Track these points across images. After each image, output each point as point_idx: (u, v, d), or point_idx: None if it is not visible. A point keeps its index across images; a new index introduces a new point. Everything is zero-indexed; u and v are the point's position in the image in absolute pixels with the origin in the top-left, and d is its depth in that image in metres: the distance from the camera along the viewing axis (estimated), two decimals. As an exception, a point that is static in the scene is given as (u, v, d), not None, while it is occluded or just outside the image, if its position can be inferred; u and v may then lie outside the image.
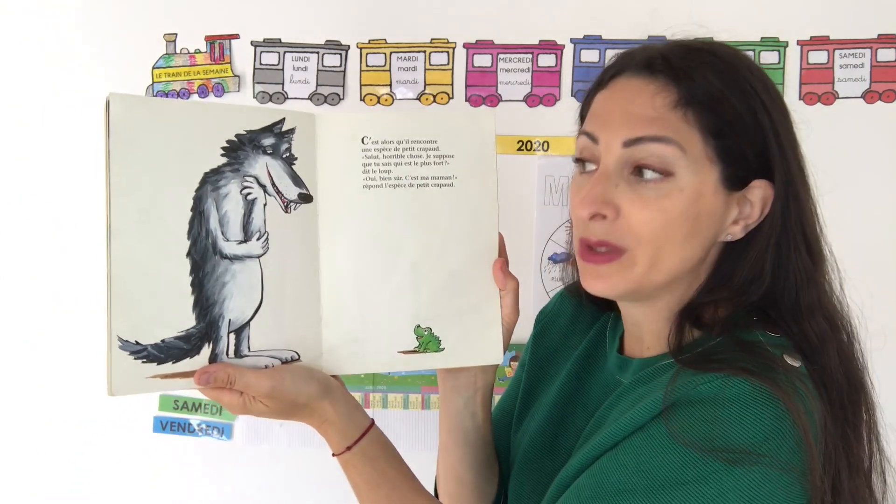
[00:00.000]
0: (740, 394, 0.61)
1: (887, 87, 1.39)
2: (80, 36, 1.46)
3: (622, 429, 0.66)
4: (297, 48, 1.45)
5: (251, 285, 0.73)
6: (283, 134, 0.75)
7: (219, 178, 0.72)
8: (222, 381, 0.70)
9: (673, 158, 0.67)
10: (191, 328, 0.70)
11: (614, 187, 0.69)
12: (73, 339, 1.49)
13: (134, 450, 1.51)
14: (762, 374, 0.62)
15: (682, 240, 0.69)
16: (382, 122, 0.79)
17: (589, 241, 0.70)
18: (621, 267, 0.70)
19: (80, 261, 1.47)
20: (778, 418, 0.60)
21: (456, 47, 1.44)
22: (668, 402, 0.63)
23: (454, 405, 0.85)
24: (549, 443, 0.81)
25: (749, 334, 0.68)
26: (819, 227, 0.73)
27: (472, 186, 0.80)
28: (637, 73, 0.71)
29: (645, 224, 0.68)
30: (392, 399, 1.48)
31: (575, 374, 0.84)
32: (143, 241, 0.69)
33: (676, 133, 0.67)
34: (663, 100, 0.68)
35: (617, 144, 0.69)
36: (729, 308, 0.71)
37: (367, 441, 0.77)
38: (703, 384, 0.62)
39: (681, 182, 0.68)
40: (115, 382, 0.68)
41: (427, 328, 0.79)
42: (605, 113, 0.72)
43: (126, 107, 0.68)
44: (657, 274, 0.70)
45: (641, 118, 0.68)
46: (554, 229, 1.44)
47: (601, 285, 0.71)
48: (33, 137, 1.48)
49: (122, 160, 0.68)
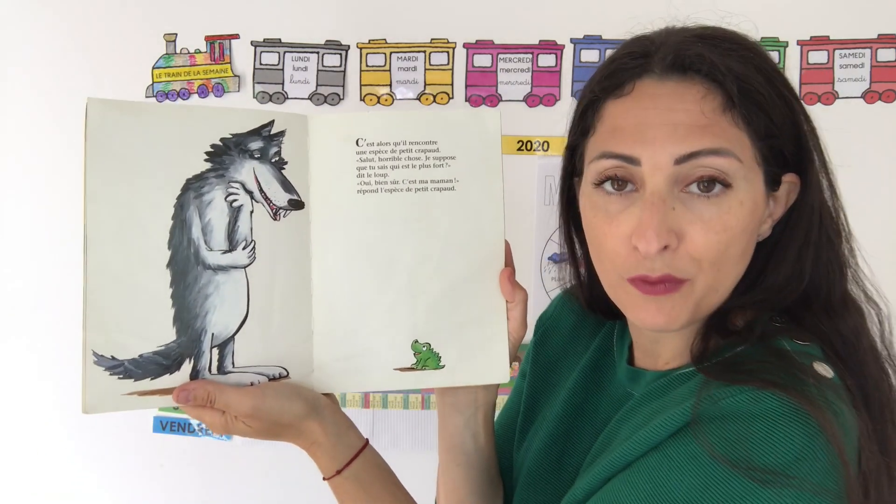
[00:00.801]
0: (768, 409, 0.54)
1: (887, 87, 1.38)
2: (81, 36, 1.45)
3: (636, 447, 0.59)
4: (297, 48, 1.45)
5: (236, 297, 0.68)
6: (273, 137, 0.70)
7: (202, 184, 0.67)
8: (202, 399, 0.66)
9: (731, 170, 0.59)
10: (171, 343, 0.66)
11: (671, 210, 0.60)
12: (72, 338, 1.49)
13: (134, 450, 1.51)
14: (792, 388, 0.55)
15: (740, 256, 0.62)
16: (378, 122, 0.73)
17: (649, 278, 0.61)
18: (682, 297, 0.61)
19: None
20: (810, 436, 0.53)
21: (456, 47, 1.43)
22: (689, 418, 0.57)
23: (453, 424, 0.77)
24: (556, 460, 0.74)
25: (775, 342, 0.61)
26: (844, 215, 0.67)
27: (475, 190, 0.73)
28: (667, 74, 0.61)
29: (709, 248, 0.60)
30: (392, 399, 1.47)
31: (581, 385, 0.77)
32: (120, 250, 0.65)
33: (730, 142, 0.59)
34: (710, 104, 0.59)
35: (667, 162, 0.59)
36: (756, 312, 0.64)
37: (359, 464, 0.72)
38: (726, 398, 0.56)
39: (739, 194, 0.60)
40: (88, 400, 0.64)
41: (426, 343, 0.73)
42: (638, 126, 0.61)
43: (103, 111, 0.65)
44: (715, 297, 0.62)
45: (691, 128, 0.59)
46: (554, 229, 1.42)
47: (662, 320, 0.62)
48: (33, 138, 1.48)
49: (99, 166, 0.64)
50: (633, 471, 0.59)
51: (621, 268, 0.63)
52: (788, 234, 0.64)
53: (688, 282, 0.61)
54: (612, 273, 0.64)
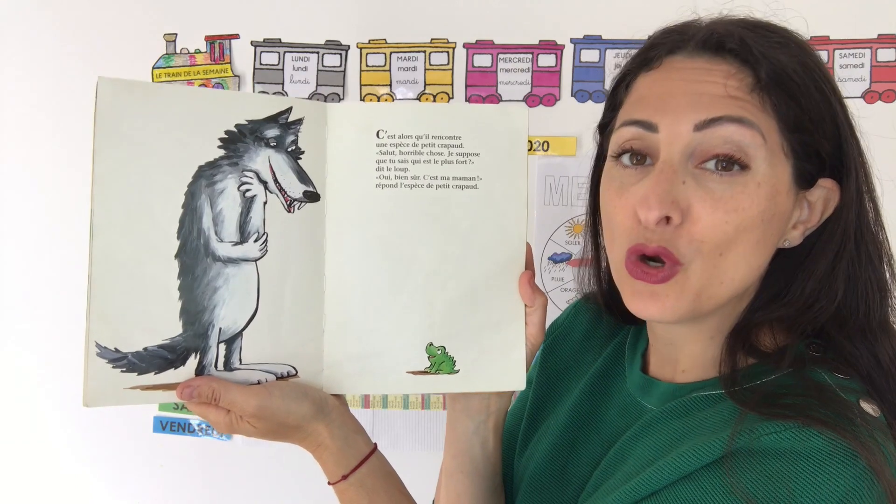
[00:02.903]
0: (814, 448, 0.51)
1: (887, 87, 1.36)
2: (81, 36, 1.43)
3: (665, 474, 0.55)
4: (297, 48, 1.44)
5: (246, 291, 0.65)
6: (290, 125, 0.67)
7: (214, 172, 0.64)
8: (206, 396, 0.63)
9: (753, 147, 0.56)
10: (176, 336, 0.63)
11: (681, 184, 0.57)
12: (73, 337, 1.49)
13: (134, 449, 1.50)
14: (839, 426, 0.51)
15: (754, 245, 0.58)
16: (400, 113, 0.69)
17: (645, 248, 0.58)
18: (677, 284, 0.58)
19: (85, 260, 1.47)
20: (857, 478, 0.50)
21: (456, 47, 1.42)
22: (726, 450, 0.53)
23: (463, 429, 0.74)
24: (560, 469, 0.72)
25: (812, 373, 0.57)
26: (886, 237, 0.62)
27: (498, 189, 0.70)
28: (698, 52, 0.59)
29: (714, 229, 0.56)
30: (392, 399, 1.45)
31: (588, 395, 0.74)
32: (127, 239, 0.62)
33: (757, 118, 0.56)
34: (739, 82, 0.57)
35: (686, 129, 0.57)
36: (786, 331, 0.61)
37: (365, 470, 0.70)
38: (769, 434, 0.52)
39: (758, 175, 0.56)
40: (90, 393, 0.61)
41: (440, 347, 0.70)
42: (661, 95, 0.59)
43: (115, 92, 0.61)
44: (720, 287, 0.58)
45: (715, 97, 0.57)
46: (554, 229, 1.43)
47: (655, 308, 0.59)
48: (33, 138, 1.48)
49: (108, 150, 0.61)
50: (662, 500, 0.55)
51: (625, 240, 0.60)
52: (821, 247, 0.60)
53: (680, 268, 0.57)
54: (616, 251, 0.62)
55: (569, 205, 1.41)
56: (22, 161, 1.48)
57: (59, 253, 1.48)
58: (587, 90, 1.40)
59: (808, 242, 0.61)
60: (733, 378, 0.59)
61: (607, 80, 1.37)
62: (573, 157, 1.39)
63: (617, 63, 1.35)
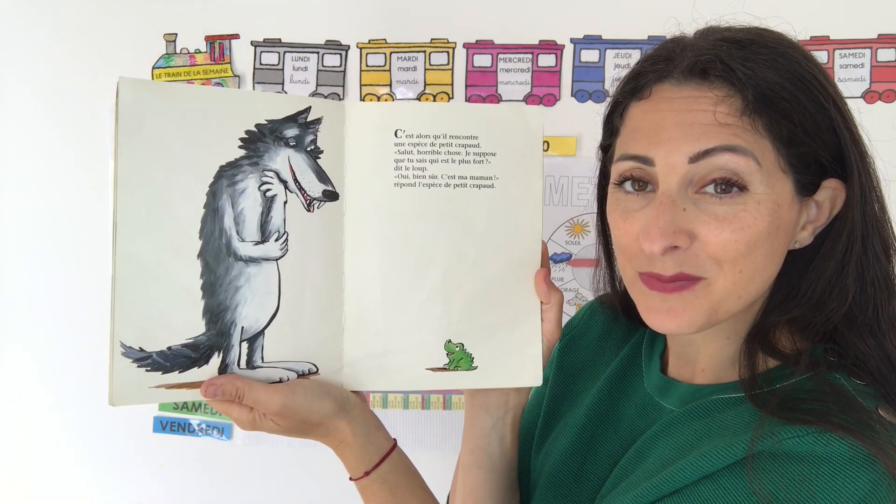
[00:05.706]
0: (835, 453, 0.52)
1: (887, 87, 1.37)
2: (80, 36, 1.43)
3: (686, 474, 0.56)
4: (297, 48, 1.44)
5: (267, 290, 0.66)
6: (309, 124, 0.67)
7: (235, 171, 0.65)
8: (230, 394, 0.64)
9: (748, 172, 0.57)
10: (200, 335, 0.64)
11: (682, 211, 0.58)
12: (73, 337, 1.48)
13: (134, 449, 1.50)
14: (859, 432, 0.52)
15: (765, 258, 0.59)
16: (418, 113, 0.70)
17: (661, 277, 0.60)
18: (695, 297, 0.59)
19: (85, 261, 1.46)
20: (875, 482, 0.51)
21: (456, 47, 1.42)
22: (748, 452, 0.54)
23: (481, 425, 0.75)
24: (577, 467, 0.72)
25: (831, 378, 0.58)
26: (891, 229, 0.63)
27: (514, 188, 0.71)
28: (685, 79, 0.60)
29: (725, 246, 0.57)
30: (392, 398, 1.46)
31: (606, 394, 0.75)
32: (150, 239, 0.62)
33: (749, 143, 0.57)
34: (728, 107, 0.58)
35: (681, 162, 0.58)
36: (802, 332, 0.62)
37: (387, 466, 0.70)
38: (791, 438, 0.53)
39: (756, 195, 0.58)
40: (115, 392, 0.62)
41: (459, 344, 0.71)
42: (654, 128, 0.60)
43: (136, 92, 0.62)
44: (737, 301, 0.60)
45: (707, 127, 0.58)
46: (554, 229, 1.43)
47: (673, 323, 0.60)
48: (34, 138, 1.48)
49: (130, 150, 0.61)
50: (683, 498, 0.56)
51: (635, 263, 0.62)
52: (829, 245, 0.62)
53: (703, 280, 0.59)
54: (629, 269, 0.63)
55: (569, 205, 1.40)
56: (22, 161, 1.48)
57: (59, 253, 1.48)
58: (587, 90, 1.40)
59: (818, 240, 0.63)
60: (753, 381, 0.60)
61: (607, 80, 1.37)
62: (573, 157, 1.39)
63: (617, 63, 1.35)
